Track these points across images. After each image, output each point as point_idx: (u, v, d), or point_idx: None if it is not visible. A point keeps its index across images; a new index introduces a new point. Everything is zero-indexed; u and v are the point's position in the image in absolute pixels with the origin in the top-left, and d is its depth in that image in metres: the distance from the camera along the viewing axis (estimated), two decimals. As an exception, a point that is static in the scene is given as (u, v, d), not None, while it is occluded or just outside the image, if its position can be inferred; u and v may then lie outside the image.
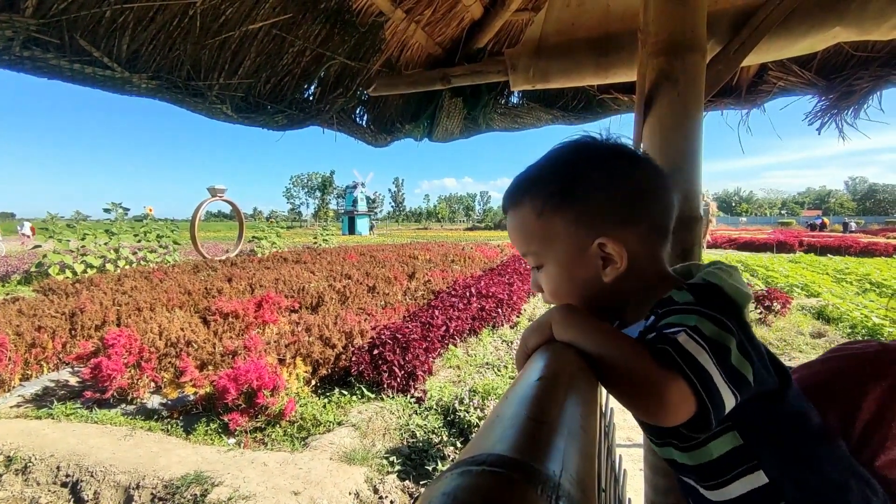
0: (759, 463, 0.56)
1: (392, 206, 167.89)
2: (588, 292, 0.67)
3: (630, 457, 3.15)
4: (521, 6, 2.53)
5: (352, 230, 52.56)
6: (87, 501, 3.12)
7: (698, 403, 0.47)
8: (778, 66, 2.37)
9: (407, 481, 3.28)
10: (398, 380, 4.55)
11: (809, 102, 2.48)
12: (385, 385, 4.50)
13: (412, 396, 4.53)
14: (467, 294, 7.54)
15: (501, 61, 2.37)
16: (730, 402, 0.49)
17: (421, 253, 15.17)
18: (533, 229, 0.68)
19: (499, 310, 7.43)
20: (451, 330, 6.04)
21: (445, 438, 3.77)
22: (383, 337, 5.05)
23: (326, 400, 4.37)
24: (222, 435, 3.81)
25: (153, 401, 4.41)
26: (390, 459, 3.48)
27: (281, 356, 4.72)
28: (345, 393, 4.49)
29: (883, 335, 6.54)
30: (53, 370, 5.24)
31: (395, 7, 2.28)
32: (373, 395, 4.45)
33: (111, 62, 1.46)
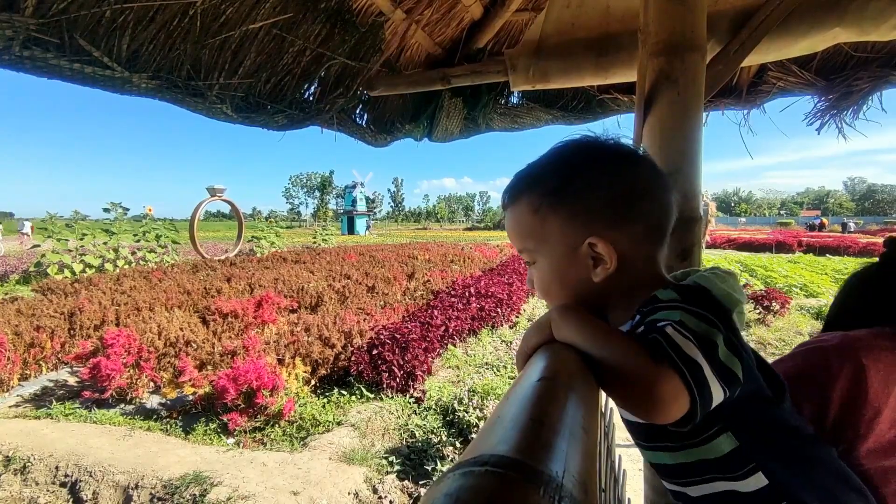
0: (757, 466, 0.56)
1: (391, 206, 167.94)
2: (578, 291, 0.67)
3: (629, 457, 3.15)
4: (521, 6, 2.54)
5: (351, 230, 52.54)
6: (86, 501, 3.12)
7: (690, 397, 0.46)
8: (778, 67, 2.38)
9: (406, 481, 3.28)
10: (397, 380, 4.55)
11: (808, 103, 2.49)
12: (384, 385, 4.50)
13: (411, 396, 4.53)
14: (466, 294, 7.54)
15: (501, 61, 2.37)
16: (718, 397, 0.49)
17: (420, 253, 15.17)
18: (528, 226, 0.68)
19: (498, 310, 7.43)
20: (451, 330, 6.04)
21: (444, 438, 3.77)
22: (382, 337, 5.05)
23: (326, 400, 4.37)
24: (221, 435, 3.80)
25: (152, 401, 4.41)
26: (389, 459, 3.48)
27: (280, 356, 4.72)
28: (344, 393, 4.49)
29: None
30: (52, 370, 5.23)
31: (395, 7, 2.28)
32: (372, 395, 4.45)
33: (111, 62, 1.46)
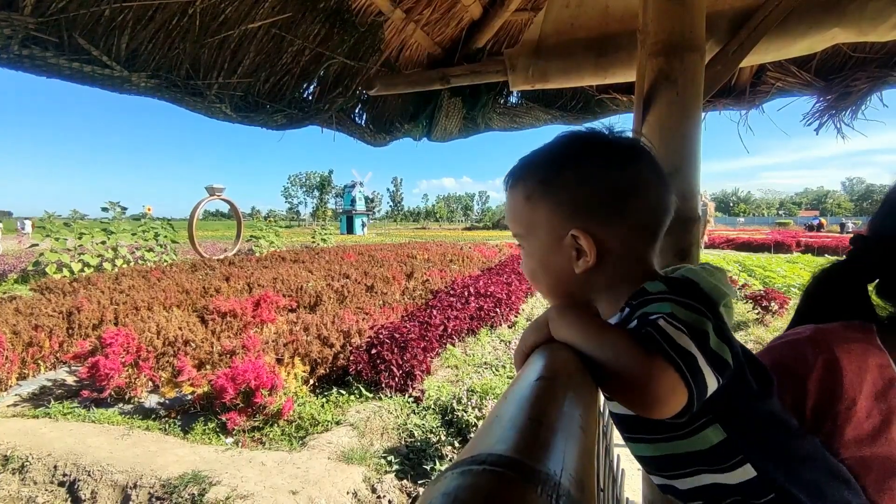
0: (745, 458, 0.56)
1: (390, 206, 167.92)
2: (560, 281, 0.69)
3: (628, 456, 3.15)
4: (521, 6, 2.54)
5: (350, 229, 52.48)
6: (85, 501, 3.12)
7: (687, 389, 0.46)
8: (776, 67, 2.38)
9: (405, 481, 3.28)
10: (396, 379, 4.55)
11: (807, 103, 2.49)
12: (383, 384, 4.50)
13: (410, 396, 4.53)
14: (465, 294, 7.54)
15: (500, 61, 2.37)
16: (711, 385, 0.49)
17: (419, 252, 15.16)
18: (521, 213, 0.70)
19: (497, 309, 7.44)
20: (450, 329, 6.04)
21: (443, 438, 3.77)
22: (381, 336, 5.05)
23: (324, 399, 4.37)
24: (220, 434, 3.80)
25: (151, 400, 4.40)
26: (388, 459, 3.49)
27: (279, 355, 4.71)
28: (343, 392, 4.49)
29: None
30: (50, 369, 5.23)
31: (395, 7, 2.28)
32: (371, 395, 4.45)
33: (110, 61, 1.45)
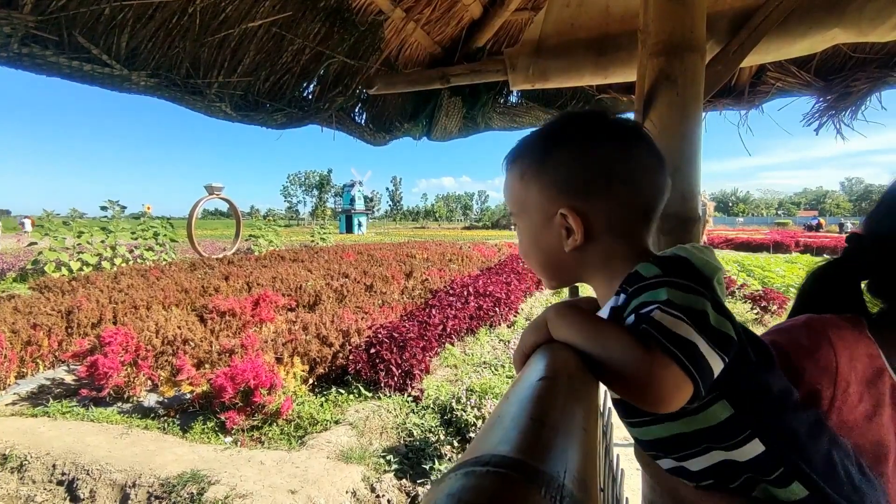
0: (753, 433, 0.55)
1: (390, 205, 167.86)
2: (550, 259, 0.70)
3: (627, 456, 3.16)
4: (521, 6, 2.54)
5: (349, 229, 52.47)
6: (84, 500, 3.12)
7: (691, 381, 0.46)
8: (776, 67, 2.38)
9: (404, 480, 3.28)
10: (395, 379, 4.56)
11: (807, 103, 2.49)
12: (382, 384, 4.50)
13: (409, 395, 4.53)
14: (465, 293, 7.54)
15: (501, 61, 2.37)
16: (717, 367, 0.49)
17: (418, 252, 15.17)
18: (515, 192, 0.71)
19: (496, 309, 7.44)
20: (449, 329, 6.04)
21: (442, 437, 3.77)
22: (380, 336, 5.05)
23: (323, 398, 4.37)
24: (219, 433, 3.80)
25: (150, 399, 4.40)
26: (387, 458, 3.49)
27: (278, 355, 4.71)
28: (342, 392, 4.49)
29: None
30: (49, 368, 5.22)
31: (395, 6, 2.28)
32: (370, 394, 4.45)
33: (110, 59, 1.45)
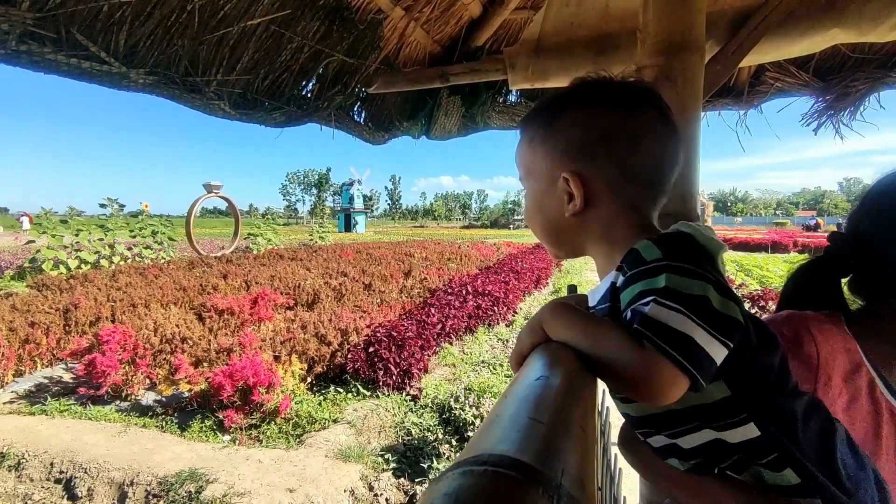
0: (749, 416, 0.53)
1: (388, 204, 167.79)
2: (552, 225, 0.69)
3: (625, 455, 3.16)
4: (520, 5, 2.53)
5: (348, 227, 52.44)
6: (81, 498, 3.11)
7: (688, 377, 0.46)
8: (775, 67, 2.38)
9: (402, 479, 3.28)
10: (394, 377, 4.56)
11: (805, 104, 2.50)
12: (381, 383, 4.50)
13: (408, 394, 4.53)
14: (463, 292, 7.54)
15: (500, 60, 2.37)
16: (719, 355, 0.48)
17: (417, 251, 15.16)
18: (523, 156, 0.71)
19: (495, 308, 7.44)
20: (447, 328, 6.05)
21: (441, 436, 3.77)
22: (379, 334, 5.05)
23: (322, 397, 4.37)
24: (217, 432, 3.80)
25: (148, 397, 4.40)
26: (386, 457, 3.49)
27: (276, 353, 4.71)
28: (340, 390, 4.49)
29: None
30: (47, 366, 5.21)
31: (394, 5, 2.28)
32: (368, 393, 4.45)
33: (108, 57, 1.45)
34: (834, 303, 0.84)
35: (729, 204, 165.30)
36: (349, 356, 4.77)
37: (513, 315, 7.98)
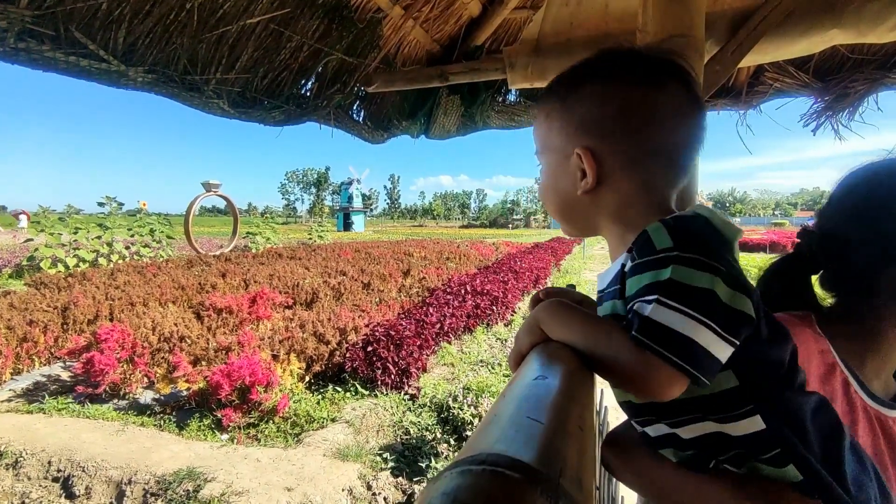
0: (756, 408, 0.51)
1: (387, 203, 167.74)
2: (565, 202, 0.67)
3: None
4: (520, 4, 2.53)
5: (347, 227, 52.40)
6: (79, 496, 3.11)
7: (688, 377, 0.45)
8: (775, 68, 2.38)
9: (400, 478, 3.28)
10: (392, 377, 4.56)
11: (805, 104, 2.50)
12: (379, 382, 4.50)
13: (406, 393, 4.53)
14: (462, 291, 7.54)
15: (499, 59, 2.37)
16: (724, 354, 0.46)
17: (416, 250, 15.17)
18: (539, 129, 0.69)
19: (493, 308, 7.44)
20: (446, 327, 6.05)
21: (439, 435, 3.77)
22: (377, 334, 5.05)
23: (320, 396, 4.37)
24: (215, 431, 3.79)
25: (146, 396, 4.39)
26: (384, 456, 3.49)
27: (275, 352, 4.70)
28: (338, 389, 4.48)
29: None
30: (45, 365, 5.20)
31: (394, 4, 2.27)
32: (367, 392, 4.45)
33: (107, 55, 1.44)
34: (805, 301, 0.84)
35: (728, 204, 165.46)
36: (348, 355, 4.77)
37: (511, 315, 7.98)
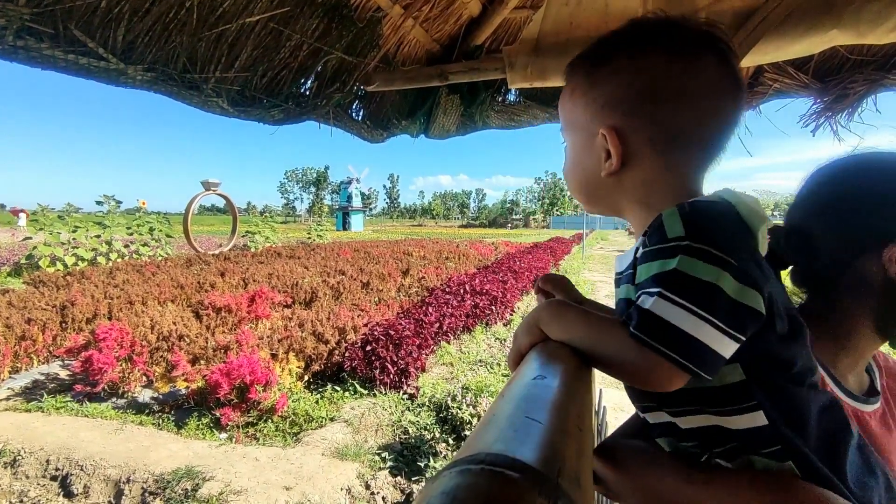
0: (759, 404, 0.50)
1: (387, 203, 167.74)
2: (588, 183, 0.65)
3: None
4: (520, 4, 2.53)
5: (346, 226, 52.34)
6: (77, 495, 3.11)
7: (688, 373, 0.45)
8: (774, 68, 2.38)
9: (399, 477, 3.28)
10: (391, 376, 4.55)
11: (804, 105, 2.50)
12: (378, 381, 4.50)
13: (405, 393, 4.53)
14: (461, 291, 7.54)
15: (499, 59, 2.36)
16: (728, 350, 0.45)
17: (415, 250, 15.17)
18: (564, 107, 0.67)
19: (492, 307, 7.44)
20: (445, 327, 6.05)
21: (438, 435, 3.77)
22: (376, 333, 5.05)
23: (319, 395, 4.37)
24: (214, 430, 3.79)
25: (144, 395, 4.39)
26: (382, 455, 3.49)
27: (274, 351, 4.70)
28: (337, 389, 4.48)
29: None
30: (43, 363, 5.20)
31: (394, 3, 2.27)
32: (365, 392, 4.45)
33: (106, 53, 1.44)
34: None
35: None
36: (346, 354, 4.77)
37: (511, 314, 7.98)
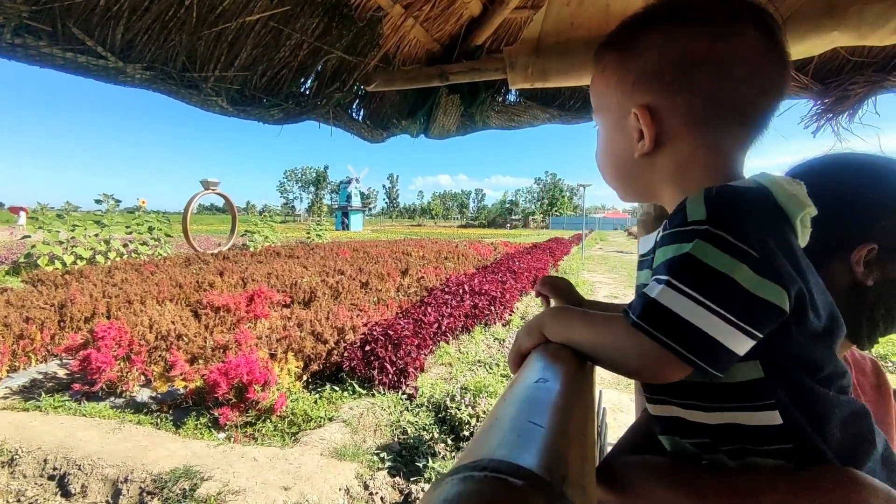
0: (776, 404, 0.47)
1: (386, 202, 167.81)
2: (620, 165, 0.62)
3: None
4: (521, 4, 2.53)
5: (345, 226, 52.31)
6: (75, 494, 3.10)
7: (695, 368, 0.43)
8: (774, 70, 2.38)
9: (397, 478, 3.28)
10: (390, 376, 4.55)
11: (804, 106, 2.50)
12: (376, 381, 4.49)
13: (404, 393, 4.53)
14: (460, 291, 7.54)
15: (500, 59, 2.36)
16: (742, 344, 0.42)
17: (414, 250, 15.17)
18: (596, 87, 0.64)
19: (492, 307, 7.44)
20: (444, 327, 6.04)
21: (436, 435, 3.77)
22: (375, 333, 5.04)
23: (317, 395, 4.36)
24: (212, 429, 3.78)
25: (142, 394, 4.38)
26: (381, 456, 3.48)
27: (272, 351, 4.70)
28: (336, 389, 4.48)
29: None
30: (42, 362, 5.18)
31: (394, 2, 2.27)
32: (364, 392, 4.44)
33: (105, 51, 1.43)
34: None
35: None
36: (345, 354, 4.76)
37: (510, 314, 7.98)
